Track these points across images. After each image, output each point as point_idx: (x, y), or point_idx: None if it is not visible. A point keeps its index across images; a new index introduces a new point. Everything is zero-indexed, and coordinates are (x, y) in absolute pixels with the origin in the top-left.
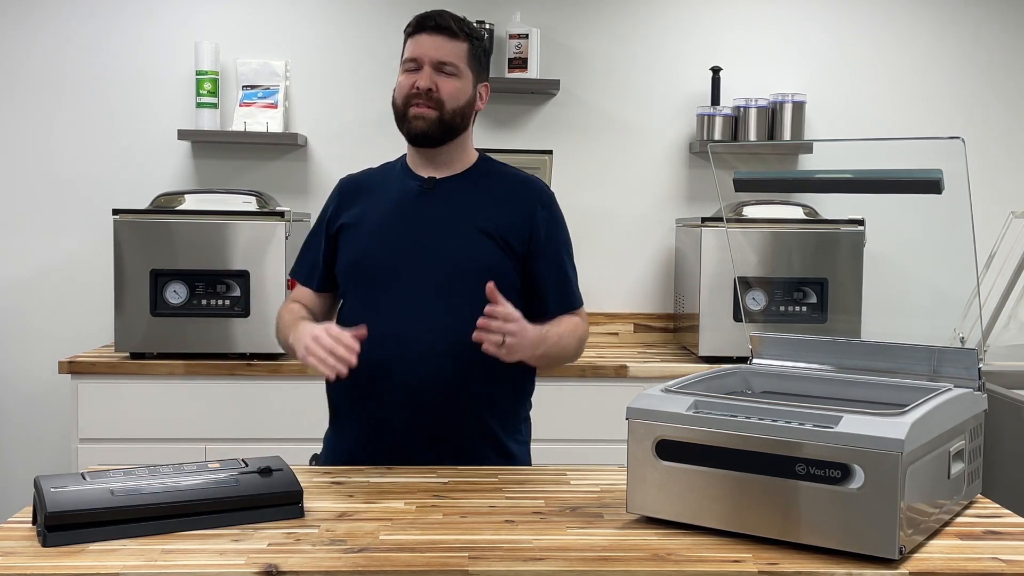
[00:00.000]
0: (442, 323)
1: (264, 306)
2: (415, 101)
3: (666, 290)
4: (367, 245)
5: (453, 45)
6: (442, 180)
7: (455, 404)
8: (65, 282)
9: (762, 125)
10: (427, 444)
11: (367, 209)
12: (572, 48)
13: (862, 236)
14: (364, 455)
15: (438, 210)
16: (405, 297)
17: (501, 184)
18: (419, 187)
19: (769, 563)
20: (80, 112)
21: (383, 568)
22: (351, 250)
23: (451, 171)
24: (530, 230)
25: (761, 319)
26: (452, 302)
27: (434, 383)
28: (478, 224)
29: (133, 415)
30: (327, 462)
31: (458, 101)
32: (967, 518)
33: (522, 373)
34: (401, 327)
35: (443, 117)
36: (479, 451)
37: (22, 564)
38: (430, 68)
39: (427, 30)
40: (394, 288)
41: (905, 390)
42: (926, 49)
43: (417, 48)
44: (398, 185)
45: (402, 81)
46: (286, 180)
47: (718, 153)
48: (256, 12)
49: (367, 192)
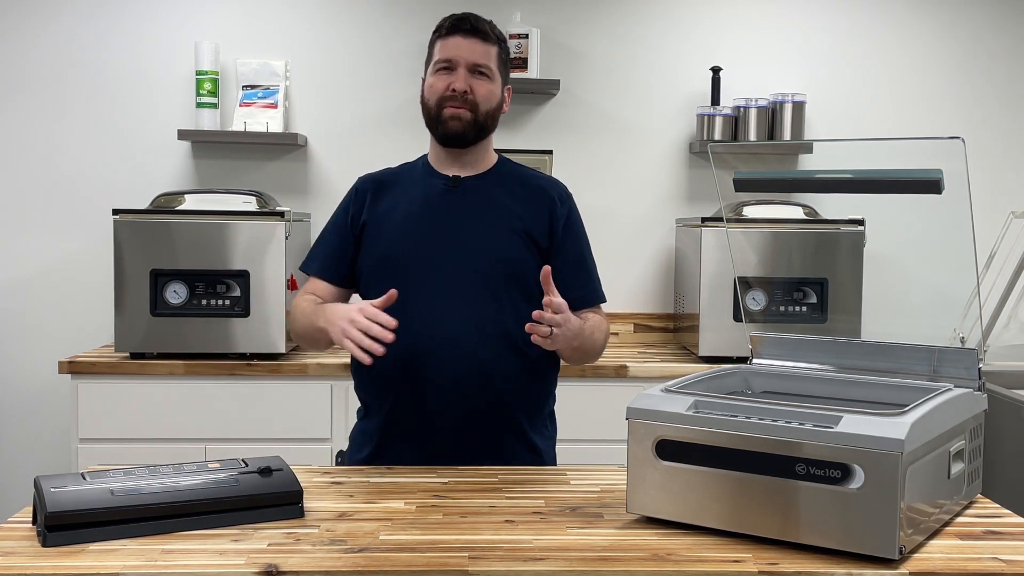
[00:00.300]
0: (473, 316)
1: (264, 306)
2: (450, 103)
3: (666, 290)
4: (397, 240)
5: (486, 48)
6: (467, 179)
7: (485, 396)
8: (65, 282)
9: (762, 125)
10: (456, 436)
11: (393, 206)
12: (572, 48)
13: (862, 236)
14: (394, 449)
15: (466, 207)
16: (436, 291)
17: (523, 183)
18: (445, 185)
19: (769, 563)
20: (80, 112)
21: (383, 568)
22: (380, 245)
23: (475, 170)
24: (552, 227)
25: (761, 319)
26: (482, 296)
27: (465, 376)
28: (505, 221)
29: (133, 415)
30: (354, 458)
31: (491, 103)
32: (967, 518)
33: (547, 366)
34: (432, 321)
35: (477, 119)
36: (507, 445)
37: (22, 564)
38: (465, 70)
39: (462, 32)
40: (425, 283)
41: (905, 390)
42: (926, 49)
43: (452, 50)
44: (422, 183)
45: (434, 82)
46: (286, 180)
47: (718, 153)
48: (256, 12)
49: (390, 189)
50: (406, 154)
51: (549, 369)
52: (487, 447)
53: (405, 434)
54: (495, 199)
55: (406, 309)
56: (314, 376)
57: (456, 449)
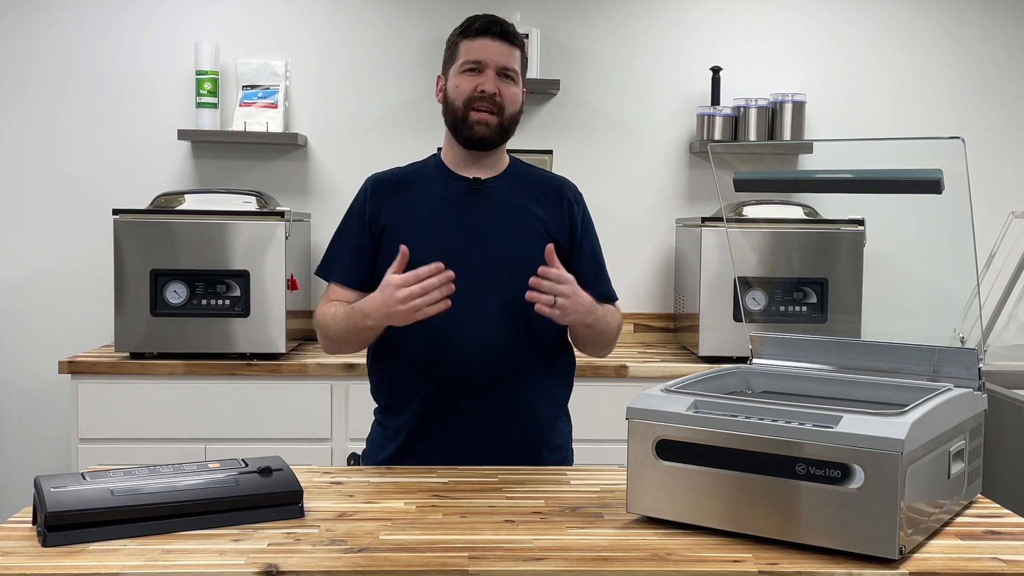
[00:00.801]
0: (498, 317)
1: (264, 306)
2: (478, 104)
3: (666, 290)
4: (421, 242)
5: (512, 52)
6: (486, 181)
7: (510, 396)
8: (65, 282)
9: (762, 125)
10: (483, 436)
11: (411, 207)
12: (572, 48)
13: (862, 236)
14: (419, 448)
15: (489, 209)
16: (463, 292)
17: (539, 184)
18: (466, 187)
19: (769, 563)
20: (80, 112)
21: (383, 568)
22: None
23: (493, 172)
24: (571, 227)
25: (761, 319)
26: (508, 296)
27: (491, 376)
28: (527, 222)
29: (133, 415)
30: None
31: (515, 107)
32: (967, 518)
33: (566, 365)
34: (459, 322)
35: (503, 122)
36: (532, 443)
37: (22, 564)
38: (494, 73)
39: (491, 35)
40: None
41: (905, 390)
42: (926, 49)
43: (482, 51)
44: (440, 184)
45: (460, 83)
46: (286, 180)
47: (718, 153)
48: (256, 12)
49: (405, 190)
50: (406, 153)
51: (568, 369)
52: (512, 447)
53: (431, 434)
54: (517, 202)
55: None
56: (314, 376)
57: (482, 448)
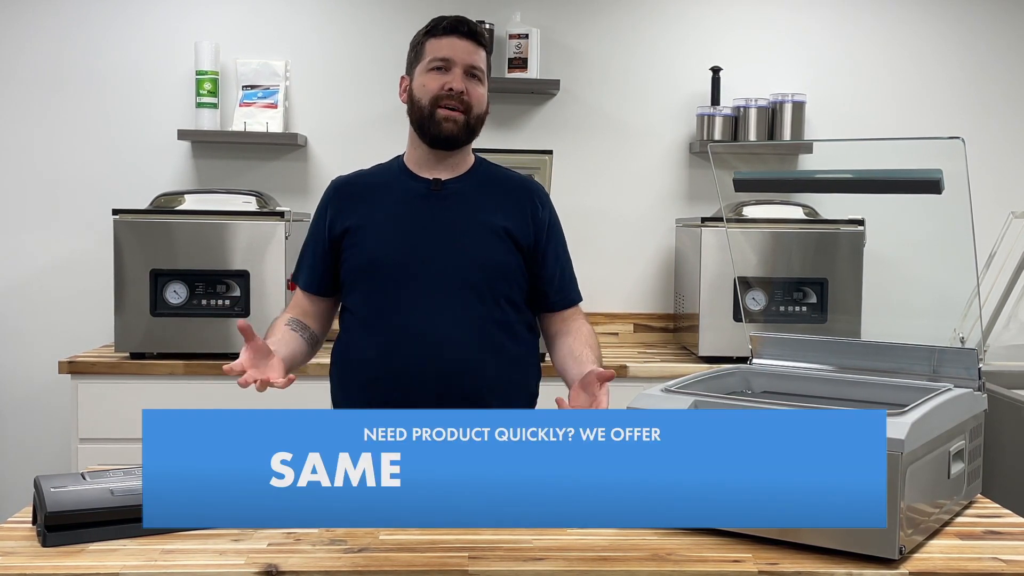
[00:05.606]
0: (455, 319)
1: (264, 306)
2: (445, 102)
3: (666, 290)
4: (380, 245)
5: (479, 52)
6: (448, 182)
7: (467, 396)
8: (65, 282)
9: (762, 125)
10: None
11: (372, 210)
12: (572, 48)
13: (862, 236)
14: None
15: (450, 211)
16: (424, 295)
17: (503, 185)
18: (427, 188)
19: (769, 563)
20: (80, 112)
21: (383, 568)
22: (363, 251)
23: (455, 173)
24: (534, 229)
25: (761, 319)
26: (465, 299)
27: (456, 376)
28: (488, 224)
29: (133, 415)
30: None
31: (482, 107)
32: (967, 518)
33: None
34: (421, 324)
35: (469, 121)
36: None
37: (22, 564)
38: (461, 71)
39: (458, 34)
40: (412, 286)
41: (905, 390)
42: (927, 49)
43: (449, 50)
44: (401, 186)
45: (427, 81)
46: (286, 180)
47: (718, 153)
48: (256, 12)
49: (367, 193)
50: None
51: (530, 369)
52: None
53: None
54: (476, 202)
55: (395, 314)
56: (314, 376)
57: None
